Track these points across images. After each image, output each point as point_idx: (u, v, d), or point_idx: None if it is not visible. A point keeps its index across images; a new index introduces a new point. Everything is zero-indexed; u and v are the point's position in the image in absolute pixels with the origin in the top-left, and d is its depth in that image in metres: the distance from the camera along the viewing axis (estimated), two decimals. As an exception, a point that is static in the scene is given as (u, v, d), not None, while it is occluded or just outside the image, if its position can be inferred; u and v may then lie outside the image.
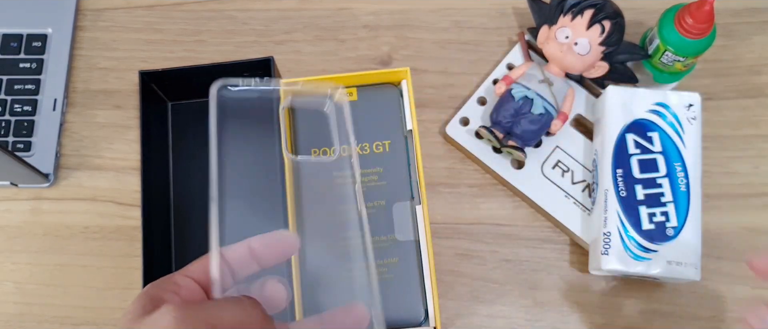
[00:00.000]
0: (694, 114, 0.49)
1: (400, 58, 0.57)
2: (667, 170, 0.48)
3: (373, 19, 0.58)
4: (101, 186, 0.54)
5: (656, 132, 0.49)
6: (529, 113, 0.49)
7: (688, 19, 0.47)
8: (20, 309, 0.51)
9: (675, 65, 0.50)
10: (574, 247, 0.51)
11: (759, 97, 0.55)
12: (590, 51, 0.49)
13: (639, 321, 0.49)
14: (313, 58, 0.57)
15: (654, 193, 0.47)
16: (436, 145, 0.54)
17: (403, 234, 0.44)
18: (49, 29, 0.57)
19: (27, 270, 0.52)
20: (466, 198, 0.53)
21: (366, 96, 0.48)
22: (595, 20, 0.48)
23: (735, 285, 0.50)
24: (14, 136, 0.54)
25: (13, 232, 0.53)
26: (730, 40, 0.56)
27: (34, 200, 0.54)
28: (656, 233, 0.46)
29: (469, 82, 0.55)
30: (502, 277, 0.51)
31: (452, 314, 0.50)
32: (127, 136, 0.55)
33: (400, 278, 0.43)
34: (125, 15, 0.59)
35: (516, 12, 0.58)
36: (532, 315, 0.50)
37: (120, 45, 0.58)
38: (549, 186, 0.51)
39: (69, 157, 0.55)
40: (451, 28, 0.58)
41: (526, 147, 0.50)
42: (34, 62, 0.56)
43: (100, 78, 0.57)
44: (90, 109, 0.56)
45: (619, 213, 0.47)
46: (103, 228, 0.53)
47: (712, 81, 0.55)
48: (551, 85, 0.50)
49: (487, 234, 0.52)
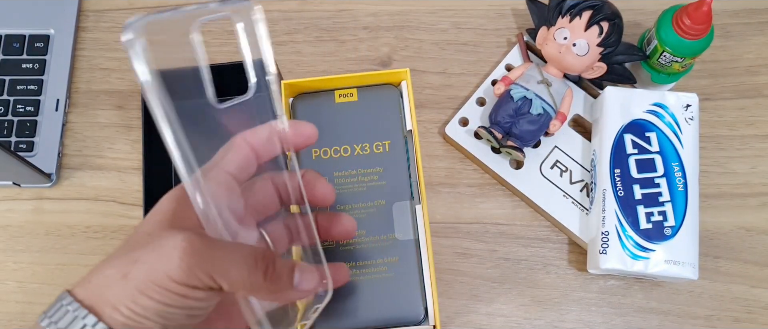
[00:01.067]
0: (691, 114, 0.49)
1: (399, 59, 0.57)
2: (665, 170, 0.48)
3: (373, 21, 0.58)
4: (103, 185, 0.54)
5: (654, 132, 0.49)
6: (527, 113, 0.50)
7: (685, 19, 0.47)
8: (22, 308, 0.52)
9: (673, 66, 0.50)
10: (573, 246, 0.52)
11: (756, 98, 0.55)
12: (588, 52, 0.49)
13: (637, 320, 0.50)
14: (314, 58, 0.57)
15: (652, 193, 0.47)
16: (435, 145, 0.55)
17: (403, 233, 0.45)
18: (51, 30, 0.58)
19: (29, 270, 0.52)
20: (465, 197, 0.53)
21: (366, 96, 0.48)
22: (594, 21, 0.49)
23: (732, 285, 0.50)
24: (17, 136, 0.55)
25: (15, 232, 0.53)
26: (727, 41, 0.56)
27: (37, 200, 0.54)
28: (654, 232, 0.47)
29: (468, 83, 0.56)
30: (500, 276, 0.51)
31: (451, 313, 0.50)
32: (129, 135, 0.56)
33: (400, 277, 0.44)
34: (127, 16, 0.59)
35: (515, 13, 0.58)
36: (531, 313, 0.50)
37: (122, 46, 0.58)
38: (547, 186, 0.51)
39: (71, 157, 0.55)
40: (450, 29, 0.58)
41: (525, 147, 0.51)
42: (37, 63, 0.57)
43: (102, 78, 0.57)
44: (92, 109, 0.57)
45: (617, 212, 0.47)
46: (105, 227, 0.53)
47: (709, 81, 0.55)
48: (550, 86, 0.50)
49: (486, 234, 0.52)
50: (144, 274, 0.27)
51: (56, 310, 0.27)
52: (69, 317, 0.27)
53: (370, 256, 0.44)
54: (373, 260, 0.44)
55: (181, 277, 0.27)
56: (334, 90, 0.48)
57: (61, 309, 0.27)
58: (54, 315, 0.27)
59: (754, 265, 0.51)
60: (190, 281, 0.27)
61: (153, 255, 0.27)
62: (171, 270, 0.27)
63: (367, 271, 0.44)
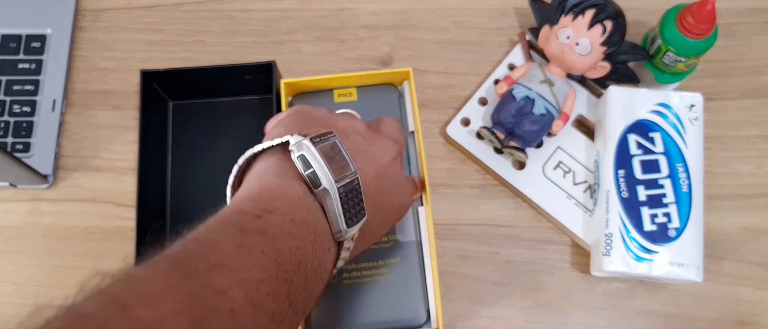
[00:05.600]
0: (695, 114, 0.49)
1: (400, 58, 0.57)
2: (669, 171, 0.47)
3: (373, 20, 0.58)
4: (100, 187, 0.54)
5: (658, 132, 0.48)
6: (530, 113, 0.49)
7: (689, 19, 0.47)
8: (19, 310, 0.51)
9: (676, 65, 0.50)
10: (576, 248, 0.51)
11: (761, 98, 0.54)
12: (591, 51, 0.49)
13: (641, 323, 0.49)
14: (314, 58, 0.57)
15: (656, 194, 0.47)
16: (436, 146, 0.54)
17: (405, 234, 0.44)
18: (48, 30, 0.57)
19: (26, 272, 0.52)
20: (467, 199, 0.53)
21: (365, 96, 0.47)
22: (597, 20, 0.48)
23: (737, 287, 0.50)
24: (13, 137, 0.54)
25: (12, 233, 0.53)
26: (731, 41, 0.56)
27: (33, 201, 0.53)
28: (658, 234, 0.46)
29: (469, 83, 0.55)
30: (503, 278, 0.51)
31: (453, 316, 0.50)
32: (126, 136, 0.55)
33: (401, 279, 0.43)
34: (125, 15, 0.59)
35: (517, 12, 0.58)
36: (534, 316, 0.50)
37: (119, 45, 0.58)
38: (550, 187, 0.51)
39: (68, 158, 0.55)
40: (451, 28, 0.57)
41: (528, 147, 0.50)
42: (33, 63, 0.56)
43: (100, 78, 0.57)
44: (89, 109, 0.56)
45: (621, 214, 0.47)
46: (102, 229, 0.53)
47: (713, 81, 0.55)
48: (552, 86, 0.50)
49: (488, 236, 0.52)
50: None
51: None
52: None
53: (371, 258, 0.44)
54: (374, 262, 0.44)
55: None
56: (333, 89, 0.47)
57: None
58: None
59: (758, 267, 0.50)
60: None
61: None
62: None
63: (369, 273, 0.43)
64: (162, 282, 0.24)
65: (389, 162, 0.36)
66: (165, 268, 0.25)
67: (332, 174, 0.29)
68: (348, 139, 0.34)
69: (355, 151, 0.34)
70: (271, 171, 0.30)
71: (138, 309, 0.22)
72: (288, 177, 0.30)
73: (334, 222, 0.30)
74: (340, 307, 0.42)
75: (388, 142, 0.37)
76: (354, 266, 0.43)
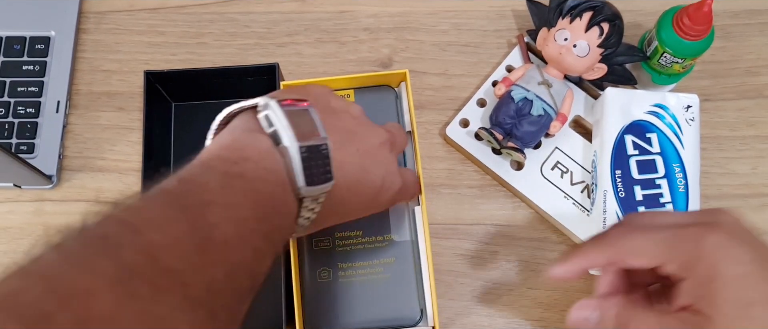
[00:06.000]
0: (692, 115, 0.49)
1: (400, 60, 0.57)
2: (666, 171, 0.48)
3: (373, 22, 0.58)
4: (104, 187, 0.54)
5: (655, 133, 0.49)
6: (528, 114, 0.50)
7: (686, 20, 0.47)
8: (23, 309, 0.51)
9: (673, 67, 0.50)
10: (574, 248, 0.52)
11: (757, 98, 0.55)
12: (589, 53, 0.49)
13: (638, 321, 0.50)
14: (315, 60, 0.57)
15: (653, 194, 0.47)
16: (436, 147, 0.55)
17: (400, 234, 0.45)
18: (52, 32, 0.58)
19: (30, 271, 0.52)
20: (465, 199, 0.53)
21: (363, 98, 0.48)
22: (594, 22, 0.49)
23: (734, 286, 0.50)
24: (17, 138, 0.55)
25: (16, 234, 0.53)
26: (728, 42, 0.56)
27: (37, 202, 0.54)
28: (655, 233, 0.46)
29: (468, 84, 0.56)
30: (501, 278, 0.51)
31: (452, 314, 0.50)
32: (130, 137, 0.56)
33: (396, 278, 0.44)
34: (128, 17, 0.59)
35: (515, 14, 0.58)
36: (532, 315, 0.50)
37: (122, 47, 0.58)
38: (548, 187, 0.51)
39: (72, 159, 0.55)
40: (450, 30, 0.58)
41: (526, 148, 0.51)
42: (37, 64, 0.57)
43: (103, 80, 0.57)
44: (93, 111, 0.57)
45: (618, 213, 0.47)
46: (105, 229, 0.53)
47: (710, 82, 0.55)
48: (550, 87, 0.50)
49: (486, 235, 0.52)
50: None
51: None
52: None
53: (366, 257, 0.44)
54: (369, 261, 0.44)
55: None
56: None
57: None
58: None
59: (755, 266, 0.50)
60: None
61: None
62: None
63: (364, 272, 0.44)
64: (163, 212, 0.26)
65: (377, 144, 0.37)
66: (162, 201, 0.27)
67: (295, 134, 0.31)
68: (336, 116, 0.36)
69: (340, 127, 0.35)
70: (242, 127, 0.33)
71: (148, 233, 0.24)
72: (257, 132, 0.32)
73: (292, 178, 0.31)
74: (336, 305, 0.43)
75: (379, 129, 0.39)
76: (349, 265, 0.44)
